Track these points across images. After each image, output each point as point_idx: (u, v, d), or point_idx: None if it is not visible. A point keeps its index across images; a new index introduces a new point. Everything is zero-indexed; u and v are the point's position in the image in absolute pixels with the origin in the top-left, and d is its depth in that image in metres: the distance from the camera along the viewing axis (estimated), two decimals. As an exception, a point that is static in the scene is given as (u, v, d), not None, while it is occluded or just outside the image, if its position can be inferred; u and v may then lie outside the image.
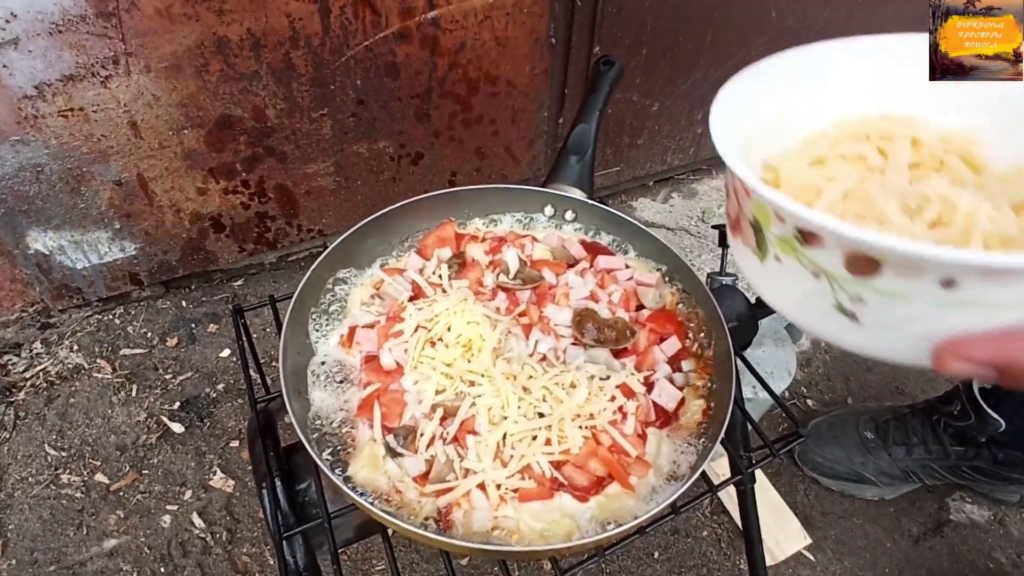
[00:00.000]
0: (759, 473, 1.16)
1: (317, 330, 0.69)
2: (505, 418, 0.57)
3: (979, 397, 1.04)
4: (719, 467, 1.13)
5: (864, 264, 0.30)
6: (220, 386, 1.29)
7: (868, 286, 0.31)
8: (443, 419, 0.58)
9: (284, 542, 0.58)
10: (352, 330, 0.67)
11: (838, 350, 1.44)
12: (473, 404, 0.58)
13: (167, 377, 1.30)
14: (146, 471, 1.15)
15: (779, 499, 1.17)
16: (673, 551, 1.12)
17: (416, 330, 0.64)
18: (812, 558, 1.12)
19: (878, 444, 1.16)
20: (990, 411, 1.02)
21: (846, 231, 0.28)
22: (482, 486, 0.54)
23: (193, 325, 1.39)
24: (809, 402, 1.35)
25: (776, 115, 0.42)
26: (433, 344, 0.63)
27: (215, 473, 1.16)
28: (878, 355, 0.34)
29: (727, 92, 0.39)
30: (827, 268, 0.32)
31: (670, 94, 1.56)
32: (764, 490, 1.18)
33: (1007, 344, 0.28)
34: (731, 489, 1.07)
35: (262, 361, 1.04)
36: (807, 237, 0.32)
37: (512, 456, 0.55)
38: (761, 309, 0.87)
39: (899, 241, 0.27)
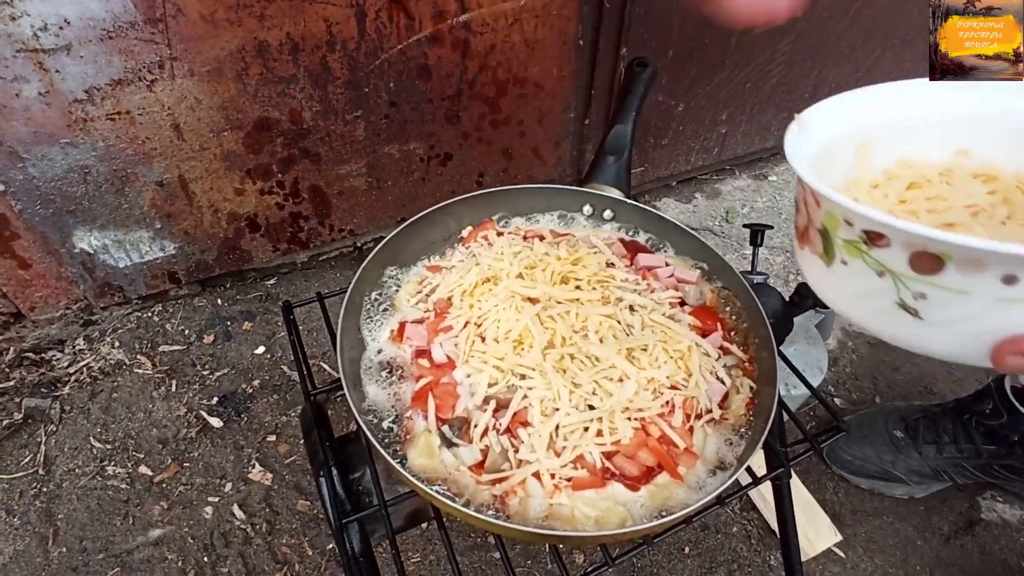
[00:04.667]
0: (788, 470, 1.17)
1: (367, 325, 0.71)
2: (557, 410, 0.59)
3: (1011, 396, 1.04)
4: (752, 461, 1.13)
5: (928, 261, 0.32)
6: (256, 382, 1.32)
7: (931, 283, 0.32)
8: (496, 411, 0.60)
9: (343, 529, 0.61)
10: (402, 325, 0.69)
11: (865, 349, 1.44)
12: (525, 396, 0.60)
13: (204, 373, 1.33)
14: (187, 464, 1.19)
15: (809, 496, 1.18)
16: (703, 547, 1.13)
17: (465, 326, 0.66)
18: (843, 555, 1.13)
19: (908, 443, 1.17)
20: (1023, 409, 1.02)
21: (913, 228, 0.30)
22: (537, 475, 0.56)
23: (228, 323, 1.42)
24: (837, 400, 1.35)
25: (845, 144, 0.43)
26: (483, 339, 0.65)
27: (253, 467, 1.19)
28: (938, 352, 0.36)
29: (808, 114, 0.41)
30: (892, 267, 0.34)
31: (695, 95, 1.57)
32: (793, 487, 1.18)
33: None
34: (761, 487, 1.08)
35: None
36: (873, 238, 0.34)
37: (565, 447, 0.57)
38: (796, 307, 0.88)
39: (963, 237, 0.29)
